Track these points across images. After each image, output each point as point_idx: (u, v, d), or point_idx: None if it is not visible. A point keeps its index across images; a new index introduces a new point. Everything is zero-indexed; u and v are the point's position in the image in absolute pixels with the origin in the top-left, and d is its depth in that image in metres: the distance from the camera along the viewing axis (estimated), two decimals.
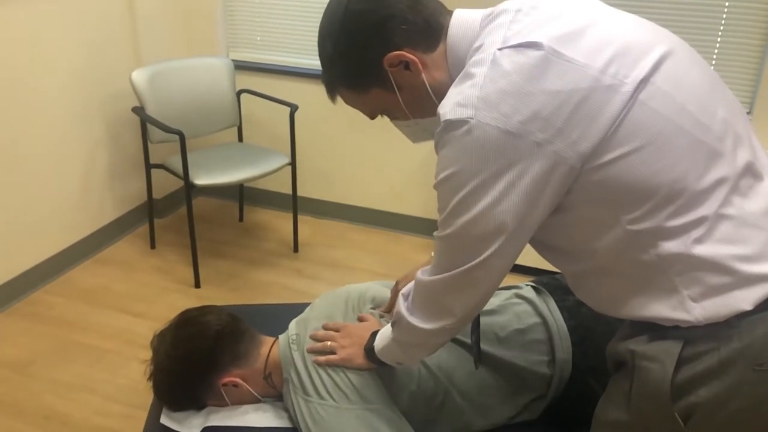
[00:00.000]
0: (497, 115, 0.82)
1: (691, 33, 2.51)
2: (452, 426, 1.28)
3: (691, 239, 0.83)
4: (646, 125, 0.83)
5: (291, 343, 1.29)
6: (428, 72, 0.96)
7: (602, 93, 0.82)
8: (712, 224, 0.83)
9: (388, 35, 0.93)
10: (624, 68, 0.84)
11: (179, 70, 2.79)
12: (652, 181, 0.83)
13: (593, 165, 0.83)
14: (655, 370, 0.87)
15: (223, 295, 2.59)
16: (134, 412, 1.97)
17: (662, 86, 0.85)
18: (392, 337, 1.10)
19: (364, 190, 3.18)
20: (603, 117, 0.82)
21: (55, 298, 2.53)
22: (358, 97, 1.01)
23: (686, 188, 0.83)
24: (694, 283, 0.84)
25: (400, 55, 0.94)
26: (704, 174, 0.84)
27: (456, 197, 0.88)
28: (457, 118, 0.84)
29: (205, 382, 1.27)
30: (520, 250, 0.91)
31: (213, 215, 3.28)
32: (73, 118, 2.66)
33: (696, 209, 0.83)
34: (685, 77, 0.88)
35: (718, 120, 0.87)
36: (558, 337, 1.31)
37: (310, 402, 1.19)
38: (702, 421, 0.85)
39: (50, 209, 2.62)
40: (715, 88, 0.91)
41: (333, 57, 0.98)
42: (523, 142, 0.82)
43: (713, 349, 0.83)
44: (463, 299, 0.95)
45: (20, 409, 1.97)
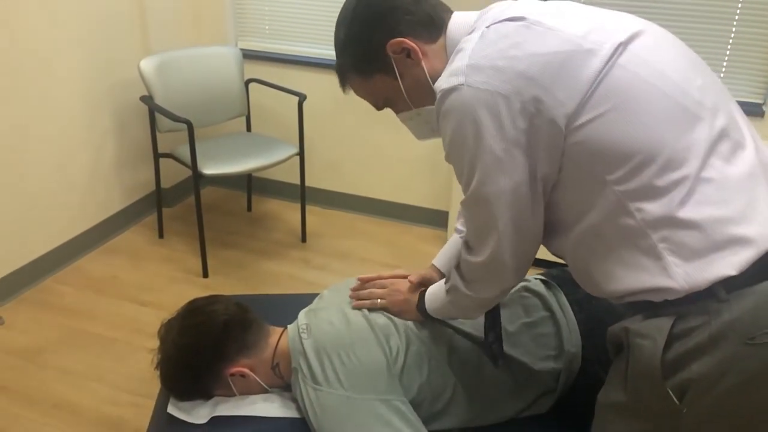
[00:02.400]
0: (485, 77, 0.90)
1: (703, 31, 2.47)
2: (459, 418, 1.27)
3: (674, 202, 0.86)
4: (624, 86, 0.88)
5: (301, 332, 1.29)
6: (428, 61, 1.03)
7: (582, 54, 0.89)
8: (693, 185, 0.86)
9: (393, 24, 1.02)
10: (603, 36, 0.91)
11: (188, 59, 2.78)
12: (632, 140, 0.87)
13: (575, 125, 0.88)
14: (647, 347, 0.89)
15: (231, 285, 2.59)
16: (142, 401, 1.97)
17: (640, 53, 0.91)
18: (448, 299, 1.17)
19: (373, 181, 3.17)
20: (583, 77, 0.88)
21: (64, 287, 2.54)
22: (365, 83, 1.09)
23: (666, 148, 0.86)
24: (677, 246, 0.86)
25: (402, 42, 1.02)
26: (684, 135, 0.87)
27: (463, 163, 0.95)
28: (449, 86, 0.92)
29: (212, 371, 1.27)
30: (540, 204, 0.96)
31: (221, 205, 3.28)
32: (81, 107, 2.66)
33: (677, 170, 0.86)
34: (663, 50, 0.94)
35: (696, 87, 0.91)
36: (567, 331, 1.30)
37: (319, 391, 1.19)
38: (696, 398, 0.85)
39: (59, 198, 2.63)
40: (696, 65, 0.96)
41: (344, 43, 1.07)
42: (510, 102, 0.89)
43: (704, 324, 0.84)
44: (510, 266, 1.00)
45: (30, 397, 1.98)
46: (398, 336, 1.26)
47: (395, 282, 1.35)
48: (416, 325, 1.29)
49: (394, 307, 1.30)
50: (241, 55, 2.91)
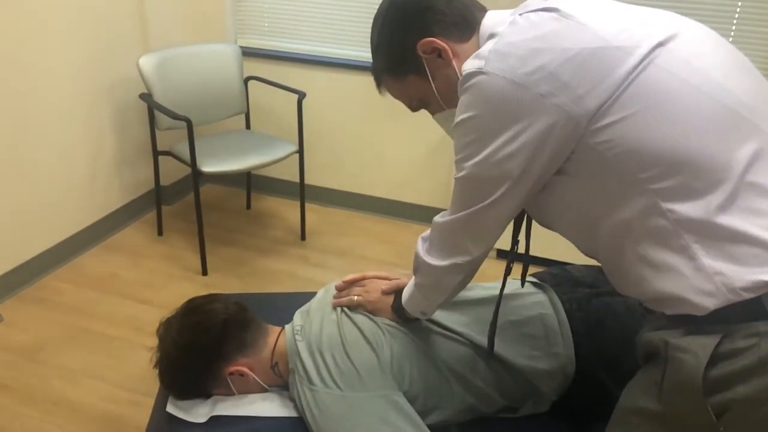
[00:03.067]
0: (505, 66, 0.87)
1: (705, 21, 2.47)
2: (453, 411, 1.27)
3: (711, 205, 0.82)
4: (660, 86, 0.84)
5: (296, 333, 1.29)
6: (459, 61, 1.01)
7: (613, 52, 0.85)
8: (735, 190, 0.82)
9: (425, 24, 1.01)
10: (637, 36, 0.87)
11: (187, 56, 2.77)
12: (667, 141, 0.83)
13: (601, 124, 0.85)
14: (688, 362, 0.85)
15: (230, 282, 2.60)
16: (141, 399, 1.97)
17: (680, 53, 0.87)
18: (414, 282, 1.19)
19: (372, 179, 3.17)
20: (612, 76, 0.84)
21: (64, 285, 2.54)
22: (398, 84, 1.09)
23: (705, 150, 0.82)
24: (712, 250, 0.82)
25: (432, 42, 1.01)
26: (727, 138, 0.83)
27: (466, 141, 0.94)
28: (470, 69, 0.91)
29: (211, 370, 1.27)
30: (527, 195, 0.96)
31: (220, 203, 3.28)
32: (80, 105, 2.65)
33: (717, 173, 0.82)
34: (707, 50, 0.89)
35: (742, 90, 0.87)
36: (557, 333, 1.30)
37: (315, 391, 1.19)
38: (736, 418, 0.83)
39: (58, 195, 2.63)
40: (742, 66, 0.91)
41: (377, 45, 1.07)
42: (527, 94, 0.86)
43: (754, 346, 0.80)
44: (474, 237, 1.03)
45: (29, 395, 1.98)
46: (381, 333, 1.26)
47: (374, 281, 1.36)
48: (399, 323, 1.29)
49: (369, 305, 1.31)
50: (240, 53, 2.91)
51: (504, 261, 1.13)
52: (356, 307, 1.32)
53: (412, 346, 1.26)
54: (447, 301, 1.19)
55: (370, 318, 1.30)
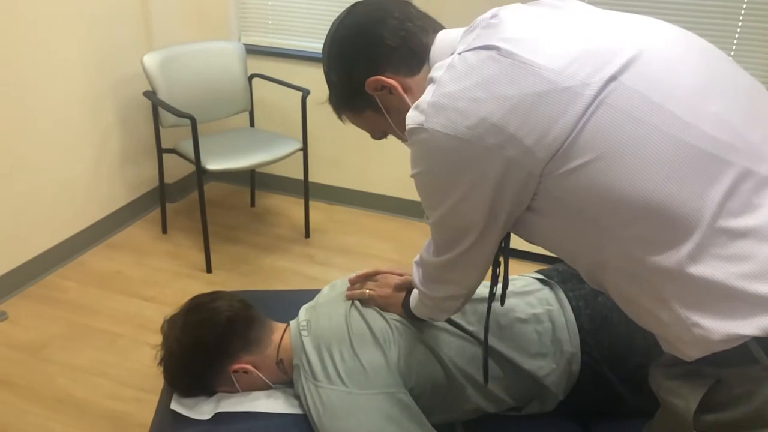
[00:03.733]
0: (445, 121, 0.82)
1: (709, 27, 2.45)
2: (460, 408, 1.27)
3: (682, 255, 0.75)
4: (614, 130, 0.76)
5: (301, 329, 1.29)
6: (412, 95, 0.96)
7: (559, 95, 0.77)
8: (704, 238, 0.75)
9: (369, 61, 0.95)
10: (587, 69, 0.78)
11: (191, 53, 2.77)
12: (624, 190, 0.76)
13: (559, 172, 0.79)
14: (679, 407, 0.83)
15: (235, 280, 2.59)
16: (146, 396, 1.97)
17: (633, 86, 0.78)
18: (419, 298, 1.18)
19: (376, 176, 3.16)
20: (561, 122, 0.77)
21: (68, 282, 2.55)
22: (356, 118, 1.05)
23: (667, 197, 0.75)
24: (687, 301, 0.77)
25: (379, 80, 0.95)
26: (694, 181, 0.75)
27: (426, 194, 0.91)
28: (412, 125, 0.85)
29: (215, 368, 1.27)
30: (502, 233, 0.92)
31: (224, 200, 3.28)
32: (84, 102, 2.65)
33: (683, 221, 0.75)
34: (666, 76, 0.79)
35: (709, 118, 0.77)
36: (564, 330, 1.29)
37: (320, 387, 1.19)
38: None
39: (62, 193, 2.63)
40: (713, 83, 0.81)
41: (329, 82, 1.03)
42: (473, 147, 0.81)
43: (749, 393, 0.76)
44: (463, 273, 1.01)
45: (34, 392, 1.98)
46: (390, 329, 1.26)
47: (387, 276, 1.37)
48: (408, 320, 1.29)
49: (381, 300, 1.32)
50: (244, 51, 2.91)
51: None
52: (368, 301, 1.32)
53: (421, 344, 1.26)
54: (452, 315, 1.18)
55: (380, 314, 1.30)
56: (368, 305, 1.32)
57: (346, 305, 1.33)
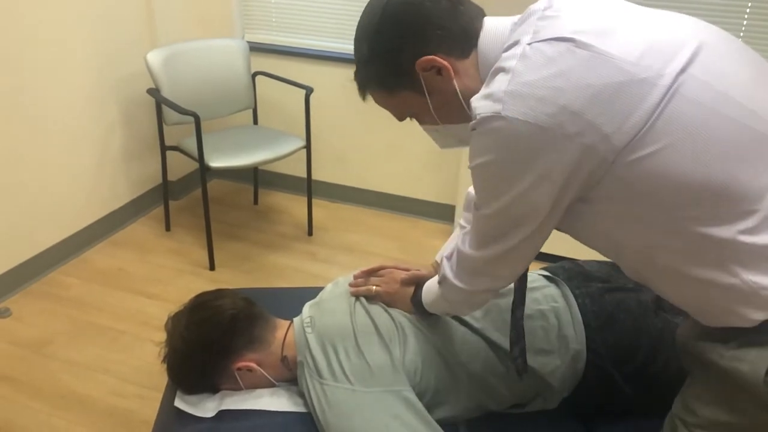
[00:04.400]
0: (525, 109, 0.82)
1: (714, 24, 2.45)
2: (462, 407, 1.26)
3: (747, 228, 0.81)
4: (686, 118, 0.80)
5: (305, 326, 1.29)
6: (460, 79, 0.95)
7: (637, 86, 0.80)
8: (766, 216, 0.81)
9: (423, 40, 0.93)
10: (659, 62, 0.82)
11: (194, 51, 2.77)
12: (696, 174, 0.80)
13: (629, 159, 0.81)
14: (747, 372, 0.86)
15: (238, 277, 2.59)
16: (149, 393, 1.97)
17: (701, 77, 0.82)
18: (439, 293, 1.15)
19: (380, 175, 3.16)
20: (639, 111, 0.80)
21: (71, 279, 2.55)
22: (389, 98, 1.01)
23: (735, 180, 0.80)
24: (755, 269, 0.82)
25: (432, 60, 0.93)
26: (758, 164, 0.81)
27: (489, 184, 0.90)
28: (487, 113, 0.84)
29: (219, 366, 1.26)
30: (551, 229, 0.94)
31: (228, 198, 3.28)
32: (87, 99, 2.65)
33: (751, 202, 0.81)
34: (725, 67, 0.85)
35: (766, 105, 0.84)
36: (570, 327, 1.29)
37: (325, 385, 1.18)
38: None
39: (65, 190, 2.63)
40: (761, 75, 0.87)
41: (368, 58, 0.98)
42: (551, 136, 0.81)
43: None
44: (508, 268, 1.01)
45: (37, 389, 1.98)
46: (395, 326, 1.26)
47: (393, 272, 1.36)
48: (414, 316, 1.29)
49: (387, 296, 1.31)
50: (247, 48, 2.90)
51: None
52: (374, 297, 1.32)
53: (426, 342, 1.25)
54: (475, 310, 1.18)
55: (385, 310, 1.29)
56: (373, 301, 1.32)
57: (350, 302, 1.32)
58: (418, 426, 1.13)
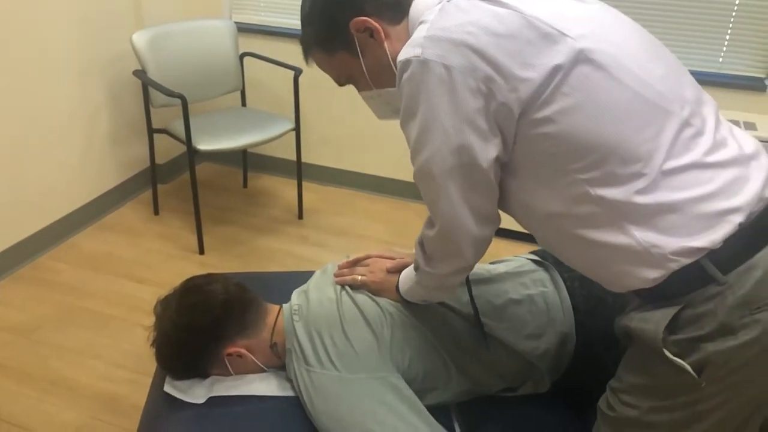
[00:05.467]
0: (441, 51, 0.89)
1: (706, 5, 2.43)
2: (452, 392, 1.27)
3: (638, 189, 0.88)
4: (588, 82, 0.87)
5: (293, 313, 1.28)
6: (390, 42, 1.03)
7: (543, 41, 0.88)
8: (657, 176, 0.88)
9: (359, 2, 1.02)
10: (566, 27, 0.89)
11: (181, 32, 2.73)
12: (595, 136, 0.87)
13: (535, 117, 0.89)
14: (649, 330, 0.92)
15: (228, 261, 2.58)
16: (139, 377, 1.97)
17: (605, 48, 0.90)
18: (415, 280, 1.18)
19: (370, 157, 3.14)
20: (543, 65, 0.87)
21: (60, 264, 2.53)
22: (327, 58, 1.09)
23: (629, 142, 0.87)
24: (646, 227, 0.88)
25: (365, 21, 1.01)
26: (647, 129, 0.88)
27: (415, 133, 0.95)
28: (406, 57, 0.91)
29: (209, 351, 1.26)
30: (490, 191, 0.97)
31: (217, 181, 3.25)
32: (73, 81, 2.61)
33: (640, 162, 0.87)
34: (626, 41, 0.93)
35: (658, 78, 0.92)
36: (559, 310, 1.29)
37: (312, 372, 1.19)
38: (714, 372, 0.89)
39: (52, 174, 2.60)
40: (655, 52, 0.96)
41: (308, 17, 1.07)
42: (465, 77, 0.88)
43: (711, 311, 0.88)
44: (461, 244, 1.01)
45: (27, 374, 1.98)
46: (382, 313, 1.25)
47: (378, 261, 1.36)
48: (402, 303, 1.29)
49: (373, 285, 1.30)
50: (235, 29, 2.86)
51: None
52: (359, 286, 1.31)
53: (413, 327, 1.25)
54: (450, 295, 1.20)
55: (371, 298, 1.29)
56: (359, 291, 1.31)
57: (337, 290, 1.32)
58: (405, 411, 1.13)
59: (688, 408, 0.93)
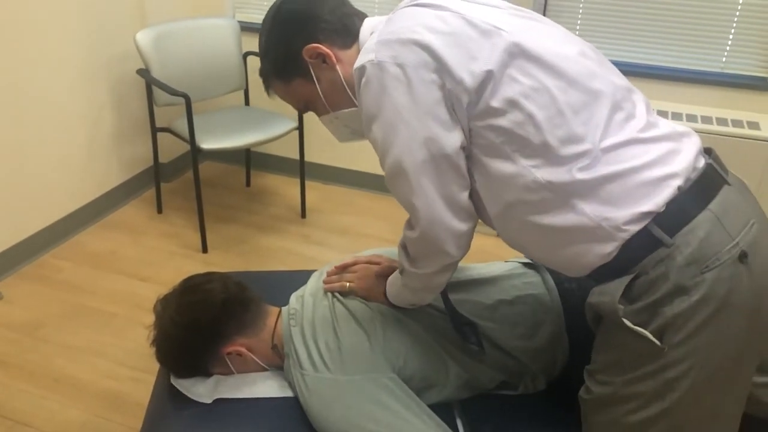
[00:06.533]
0: (392, 52, 0.96)
1: (710, 4, 2.43)
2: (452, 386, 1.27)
3: (581, 166, 0.94)
4: (526, 71, 0.95)
5: (290, 318, 1.29)
6: (343, 66, 1.09)
7: (484, 37, 0.96)
8: (596, 155, 0.95)
9: (309, 31, 1.08)
10: (500, 23, 0.98)
11: (185, 31, 2.73)
12: (536, 123, 0.94)
13: (480, 109, 0.96)
14: (607, 302, 0.98)
15: (231, 260, 2.59)
16: (142, 375, 1.98)
17: (536, 46, 0.97)
18: (402, 283, 1.19)
19: (372, 156, 3.13)
20: (484, 58, 0.95)
21: (63, 262, 2.54)
22: (285, 87, 1.15)
23: (568, 125, 0.95)
24: (594, 201, 0.95)
25: (317, 47, 1.08)
26: (582, 112, 0.96)
27: (380, 134, 0.99)
28: (361, 64, 0.98)
29: (209, 350, 1.26)
30: (463, 174, 1.00)
31: (220, 180, 3.26)
32: (77, 80, 2.62)
33: (580, 143, 0.94)
34: (551, 38, 1.01)
35: (588, 70, 0.99)
36: (550, 312, 1.30)
37: (306, 376, 1.20)
38: (674, 335, 0.94)
39: (56, 173, 2.61)
40: (577, 45, 1.04)
41: (265, 49, 1.14)
42: (418, 73, 0.94)
43: (663, 274, 0.93)
44: (446, 236, 1.03)
45: (30, 372, 1.98)
46: (374, 315, 1.26)
47: (365, 267, 1.35)
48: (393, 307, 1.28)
49: (362, 291, 1.30)
50: (239, 28, 2.87)
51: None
52: (348, 293, 1.31)
53: (407, 327, 1.26)
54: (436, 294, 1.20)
55: (363, 302, 1.29)
56: (350, 296, 1.31)
57: (329, 295, 1.32)
58: (400, 409, 1.14)
59: (658, 376, 0.96)
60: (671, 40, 2.56)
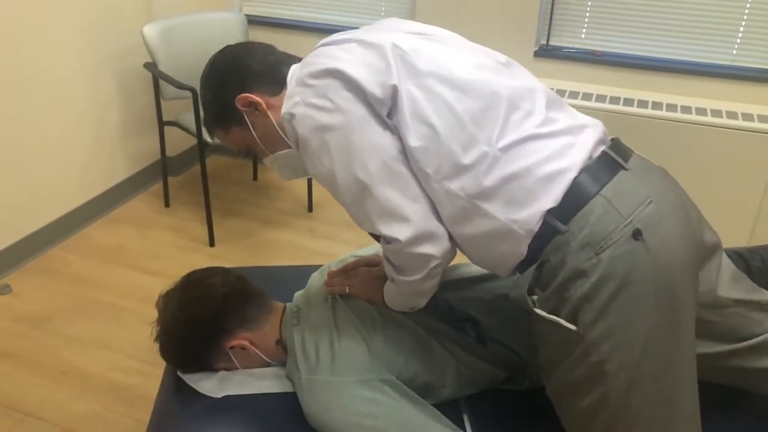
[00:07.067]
0: (311, 88, 1.04)
1: None
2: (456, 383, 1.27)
3: (482, 172, 1.00)
4: (422, 85, 1.02)
5: (292, 317, 1.30)
6: (274, 112, 1.15)
7: (373, 48, 1.06)
8: (494, 156, 1.00)
9: (240, 81, 1.15)
10: (398, 41, 1.07)
11: (192, 24, 2.73)
12: (445, 138, 1.00)
13: (396, 121, 1.03)
14: (518, 295, 1.03)
15: (238, 254, 2.59)
16: (149, 368, 1.99)
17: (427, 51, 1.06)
18: (395, 291, 1.20)
19: None
20: (390, 74, 1.02)
21: (71, 256, 2.55)
22: (226, 134, 1.21)
23: (463, 132, 1.00)
24: (502, 205, 1.00)
25: (247, 97, 1.14)
26: (477, 117, 1.01)
27: (327, 161, 1.05)
28: (287, 109, 1.07)
29: (212, 344, 1.26)
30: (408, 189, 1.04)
31: (227, 174, 3.26)
32: (84, 74, 2.62)
33: (476, 147, 1.00)
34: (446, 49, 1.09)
35: (487, 75, 1.05)
36: None
37: (303, 378, 1.20)
38: (585, 316, 0.97)
39: (64, 166, 2.62)
40: (470, 50, 1.12)
41: (204, 101, 1.21)
42: (340, 96, 1.02)
43: (562, 259, 0.98)
44: (422, 240, 1.05)
45: (39, 364, 2.00)
46: (374, 316, 1.26)
47: (368, 271, 1.35)
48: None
49: (363, 294, 1.30)
50: (245, 21, 2.86)
51: None
52: (349, 296, 1.31)
53: (407, 327, 1.26)
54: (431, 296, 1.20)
55: (363, 305, 1.29)
56: (351, 298, 1.31)
57: (329, 297, 1.32)
58: (397, 408, 1.14)
59: (585, 361, 0.99)
60: (681, 33, 2.53)
